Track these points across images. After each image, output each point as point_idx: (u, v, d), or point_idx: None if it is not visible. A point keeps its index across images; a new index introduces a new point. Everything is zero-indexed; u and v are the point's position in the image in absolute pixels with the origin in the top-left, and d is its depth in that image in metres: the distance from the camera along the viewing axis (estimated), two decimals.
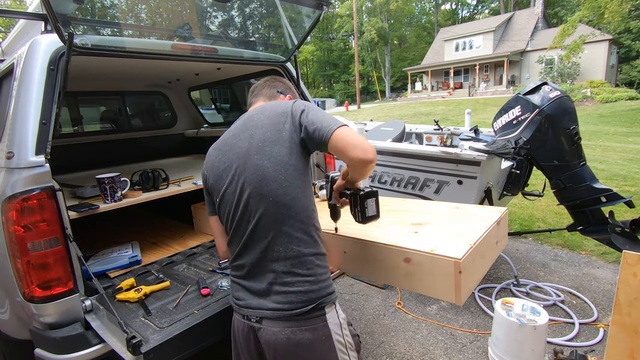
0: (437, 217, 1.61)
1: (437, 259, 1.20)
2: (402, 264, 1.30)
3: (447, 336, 2.54)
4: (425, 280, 1.26)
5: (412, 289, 1.34)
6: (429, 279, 1.25)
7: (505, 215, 1.61)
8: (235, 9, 2.69)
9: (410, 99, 29.28)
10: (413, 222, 1.56)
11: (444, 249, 1.23)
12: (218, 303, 1.49)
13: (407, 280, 1.32)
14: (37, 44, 1.54)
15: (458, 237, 1.33)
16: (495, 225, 1.47)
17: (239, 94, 3.90)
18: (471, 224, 1.47)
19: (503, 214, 1.57)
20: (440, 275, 1.21)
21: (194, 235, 2.38)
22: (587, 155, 2.96)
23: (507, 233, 1.65)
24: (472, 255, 1.23)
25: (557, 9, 32.57)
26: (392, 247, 1.33)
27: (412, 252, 1.27)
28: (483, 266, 1.40)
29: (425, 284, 1.27)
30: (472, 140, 3.36)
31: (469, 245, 1.25)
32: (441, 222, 1.54)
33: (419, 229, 1.47)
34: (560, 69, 22.58)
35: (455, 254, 1.18)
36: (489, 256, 1.46)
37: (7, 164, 1.40)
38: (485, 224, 1.44)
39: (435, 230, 1.45)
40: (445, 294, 1.22)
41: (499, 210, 1.58)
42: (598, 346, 2.34)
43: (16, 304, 1.45)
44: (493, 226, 1.45)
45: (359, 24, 34.18)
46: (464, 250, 1.20)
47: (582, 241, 3.85)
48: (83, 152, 3.30)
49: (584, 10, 13.51)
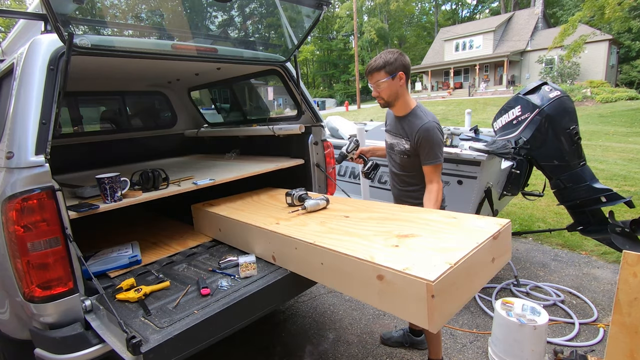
0: (426, 228, 1.50)
1: (408, 279, 1.08)
2: (375, 281, 1.19)
3: (447, 336, 2.54)
4: (398, 301, 1.14)
5: (385, 309, 1.22)
6: (401, 300, 1.13)
7: (507, 228, 1.45)
8: (235, 9, 2.69)
9: None
10: (399, 233, 1.46)
11: (418, 268, 1.11)
12: (218, 303, 1.49)
13: (380, 299, 1.21)
14: (37, 44, 1.54)
15: (441, 254, 1.21)
16: (491, 240, 1.33)
17: (239, 93, 3.90)
18: (462, 237, 1.34)
19: (503, 227, 1.42)
20: (412, 298, 1.08)
21: (194, 235, 2.37)
22: (587, 155, 2.96)
23: (509, 248, 1.49)
24: (452, 277, 1.11)
25: (555, 10, 32.60)
26: (365, 262, 1.23)
27: (384, 269, 1.16)
28: (470, 287, 1.25)
29: (397, 305, 1.15)
30: (472, 140, 3.36)
31: (449, 265, 1.12)
32: (429, 234, 1.42)
33: (402, 242, 1.37)
34: (560, 69, 22.60)
35: (429, 275, 1.06)
36: (481, 275, 1.31)
37: (7, 164, 1.40)
38: (477, 239, 1.30)
39: (419, 244, 1.34)
40: (417, 318, 1.09)
41: (499, 223, 1.43)
42: (598, 346, 2.34)
43: (16, 304, 1.45)
44: (487, 241, 1.30)
45: (358, 24, 34.19)
46: (440, 270, 1.08)
47: (582, 241, 3.85)
48: (83, 152, 3.30)
49: (585, 10, 13.51)
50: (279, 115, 3.47)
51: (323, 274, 1.47)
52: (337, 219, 1.80)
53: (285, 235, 1.64)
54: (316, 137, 2.66)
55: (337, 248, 1.37)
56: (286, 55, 2.61)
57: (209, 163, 3.03)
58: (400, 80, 1.94)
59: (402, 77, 1.93)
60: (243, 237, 1.98)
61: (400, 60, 1.92)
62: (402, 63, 1.93)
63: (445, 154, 3.11)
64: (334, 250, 1.37)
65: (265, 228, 1.77)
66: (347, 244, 1.40)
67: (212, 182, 2.17)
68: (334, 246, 1.39)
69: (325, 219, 1.82)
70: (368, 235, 1.48)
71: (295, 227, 1.73)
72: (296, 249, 1.59)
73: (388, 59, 1.91)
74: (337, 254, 1.35)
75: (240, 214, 2.07)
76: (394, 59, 1.91)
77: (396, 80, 1.93)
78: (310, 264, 1.52)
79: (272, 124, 2.89)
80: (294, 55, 2.56)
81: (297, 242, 1.57)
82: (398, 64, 1.91)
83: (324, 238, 1.50)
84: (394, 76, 1.91)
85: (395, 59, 1.91)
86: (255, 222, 1.88)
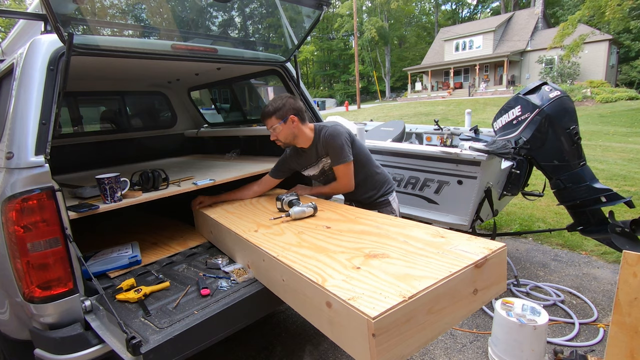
0: (403, 248, 1.33)
1: (352, 312, 0.96)
2: (325, 308, 1.08)
3: (447, 336, 2.54)
4: (345, 334, 1.02)
5: (335, 340, 1.09)
6: (347, 333, 1.01)
7: (499, 254, 1.23)
8: (235, 9, 2.69)
9: (410, 99, 29.28)
10: (370, 252, 1.32)
11: (364, 300, 0.97)
12: (218, 303, 1.49)
13: (331, 328, 1.09)
14: (37, 44, 1.54)
15: (401, 282, 1.06)
16: (472, 269, 1.13)
17: (239, 94, 3.90)
18: (437, 263, 1.16)
19: (492, 253, 1.20)
20: (356, 333, 0.95)
21: (194, 236, 2.37)
22: (587, 155, 2.96)
23: (502, 277, 1.27)
24: (406, 312, 0.95)
25: (555, 9, 32.59)
26: (316, 285, 1.11)
27: (332, 297, 1.04)
28: (437, 325, 1.06)
29: (344, 337, 1.03)
30: (472, 140, 3.36)
31: (402, 298, 0.96)
32: (402, 255, 1.26)
33: (366, 264, 1.22)
34: (560, 69, 22.60)
35: (372, 309, 0.91)
36: (454, 310, 1.11)
37: (7, 164, 1.40)
38: (451, 268, 1.11)
39: (384, 267, 1.18)
40: (361, 357, 0.96)
41: (489, 248, 1.22)
42: (598, 346, 2.33)
43: (16, 304, 1.45)
44: (465, 271, 1.11)
45: (359, 24, 34.19)
46: (387, 305, 0.93)
47: (582, 241, 3.85)
48: (83, 152, 3.30)
49: (584, 10, 13.52)
50: None
51: (285, 292, 1.37)
52: (317, 229, 1.69)
53: (255, 245, 1.56)
54: None
55: (294, 265, 1.27)
56: (286, 56, 2.61)
57: (209, 163, 3.02)
58: (292, 122, 2.08)
59: (294, 119, 2.07)
60: (226, 242, 1.93)
61: (289, 104, 2.06)
62: (291, 107, 2.07)
63: (445, 154, 3.14)
64: (290, 267, 1.27)
65: (241, 235, 1.69)
66: (309, 261, 1.29)
67: (212, 182, 2.17)
68: (294, 262, 1.29)
69: (305, 229, 1.70)
70: (336, 252, 1.35)
71: (270, 237, 1.64)
72: (263, 261, 1.51)
73: (277, 106, 2.05)
74: (293, 272, 1.25)
75: (229, 217, 2.02)
76: (282, 104, 2.05)
77: (289, 124, 2.07)
78: (274, 279, 1.44)
79: None
80: (294, 56, 2.56)
81: (264, 253, 1.48)
82: (287, 109, 2.05)
83: (289, 252, 1.40)
84: (286, 120, 2.06)
85: (283, 104, 2.05)
86: (237, 227, 1.81)
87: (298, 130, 2.10)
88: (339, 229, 1.66)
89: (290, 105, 2.07)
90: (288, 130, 2.08)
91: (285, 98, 2.08)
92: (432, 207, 3.33)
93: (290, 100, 2.08)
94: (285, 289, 1.36)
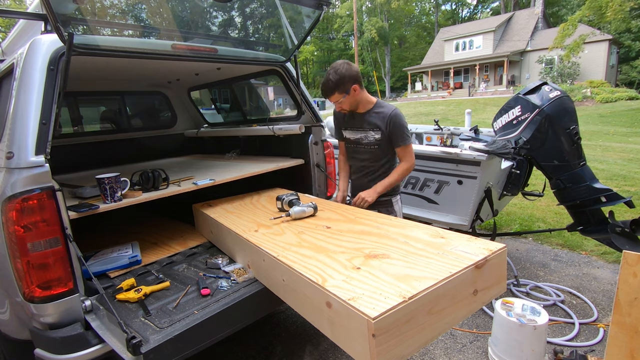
0: (403, 248, 1.34)
1: (352, 313, 0.96)
2: (325, 308, 1.09)
3: (447, 336, 2.54)
4: (344, 334, 1.03)
5: (335, 340, 1.09)
6: (347, 334, 1.01)
7: (499, 255, 1.24)
8: (235, 9, 2.69)
9: (410, 99, 29.28)
10: (370, 252, 1.33)
11: (364, 300, 0.98)
12: (218, 303, 1.49)
13: (331, 328, 1.09)
14: (37, 44, 1.54)
15: (401, 283, 1.06)
16: (472, 269, 1.14)
17: (239, 94, 3.90)
18: (438, 264, 1.17)
19: (492, 254, 1.21)
20: (356, 333, 0.96)
21: (194, 235, 2.37)
22: (587, 155, 2.96)
23: (502, 278, 1.28)
24: (406, 313, 0.96)
25: (555, 9, 32.58)
26: (316, 285, 1.12)
27: (332, 297, 1.05)
28: (437, 325, 1.07)
29: (344, 338, 1.03)
30: (472, 140, 3.36)
31: (402, 298, 0.97)
32: (402, 256, 1.27)
33: (366, 264, 1.23)
34: (560, 69, 22.59)
35: (372, 310, 0.92)
36: (454, 310, 1.12)
37: (7, 164, 1.40)
38: (451, 269, 1.12)
39: (384, 268, 1.19)
40: (361, 357, 0.97)
41: (489, 249, 1.23)
42: (598, 346, 2.33)
43: (16, 304, 1.45)
44: (465, 271, 1.12)
45: (359, 24, 34.20)
46: (387, 305, 0.94)
47: (582, 241, 3.85)
48: (83, 152, 3.30)
49: (585, 10, 13.51)
50: (279, 115, 3.47)
51: (285, 292, 1.37)
52: (317, 229, 1.69)
53: (255, 245, 1.56)
54: (316, 137, 2.66)
55: (294, 265, 1.27)
56: (286, 56, 2.61)
57: (209, 163, 3.03)
58: (354, 92, 2.12)
59: (356, 88, 2.11)
60: (226, 242, 1.93)
61: (348, 75, 2.06)
62: (351, 77, 2.07)
63: (445, 154, 3.14)
64: (291, 267, 1.27)
65: (241, 235, 1.70)
66: (309, 261, 1.29)
67: (212, 182, 2.17)
68: (294, 262, 1.29)
69: (305, 229, 1.71)
70: (336, 252, 1.36)
71: (270, 237, 1.64)
72: (264, 261, 1.51)
73: (337, 80, 2.06)
74: (293, 272, 1.25)
75: (230, 217, 2.02)
76: (341, 77, 2.05)
77: (351, 94, 2.11)
78: (274, 279, 1.44)
79: (272, 124, 2.89)
80: (294, 56, 2.56)
81: (264, 253, 1.49)
82: (347, 80, 2.06)
83: (289, 252, 1.40)
84: (349, 92, 2.10)
85: (342, 76, 2.05)
86: (237, 227, 1.81)
87: (360, 97, 2.17)
88: (339, 229, 1.66)
89: (350, 75, 2.07)
90: (352, 99, 2.14)
91: (343, 68, 2.07)
92: (432, 207, 3.33)
93: (347, 68, 2.07)
94: (285, 289, 1.37)
